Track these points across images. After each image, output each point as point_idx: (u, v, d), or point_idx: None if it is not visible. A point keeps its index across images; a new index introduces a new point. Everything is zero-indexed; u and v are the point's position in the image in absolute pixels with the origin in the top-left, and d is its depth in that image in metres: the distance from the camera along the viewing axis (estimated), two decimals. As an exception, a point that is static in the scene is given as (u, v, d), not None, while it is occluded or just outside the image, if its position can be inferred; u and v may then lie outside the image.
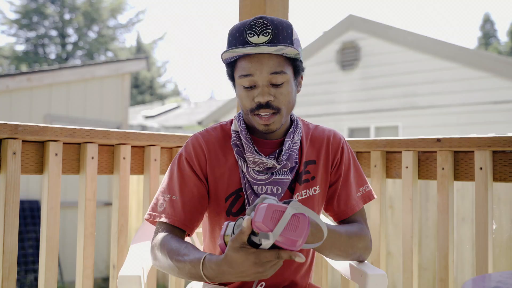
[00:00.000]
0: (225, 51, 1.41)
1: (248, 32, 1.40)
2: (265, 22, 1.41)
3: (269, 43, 1.39)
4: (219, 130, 1.57)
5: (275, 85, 1.42)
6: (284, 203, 1.21)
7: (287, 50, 1.39)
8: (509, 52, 25.20)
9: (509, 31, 26.24)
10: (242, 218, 1.20)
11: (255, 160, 1.47)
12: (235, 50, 1.39)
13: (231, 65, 1.48)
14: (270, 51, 1.39)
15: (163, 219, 1.48)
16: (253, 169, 1.48)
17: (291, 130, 1.53)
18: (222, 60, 1.46)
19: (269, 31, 1.40)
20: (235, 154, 1.50)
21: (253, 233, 1.16)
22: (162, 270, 1.45)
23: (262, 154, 1.48)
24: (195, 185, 1.50)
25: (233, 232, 1.20)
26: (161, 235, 1.45)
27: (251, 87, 1.43)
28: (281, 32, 1.41)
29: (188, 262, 1.31)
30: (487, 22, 27.46)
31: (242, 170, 1.49)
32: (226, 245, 1.21)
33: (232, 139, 1.53)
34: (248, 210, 1.20)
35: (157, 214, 1.50)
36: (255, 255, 1.16)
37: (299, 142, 1.54)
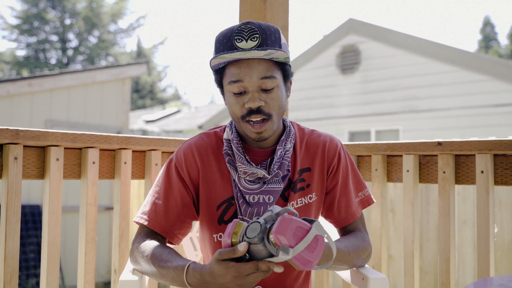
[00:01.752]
0: (213, 57, 1.39)
1: (236, 37, 1.38)
2: (253, 27, 1.39)
3: (258, 47, 1.36)
4: (213, 137, 1.56)
5: (265, 90, 1.40)
6: (305, 220, 1.20)
7: (277, 54, 1.38)
8: (509, 55, 25.20)
9: (509, 34, 26.25)
10: (258, 222, 1.17)
11: (246, 170, 1.45)
12: (223, 55, 1.37)
13: (220, 72, 1.46)
14: (259, 55, 1.37)
15: (144, 222, 1.48)
16: (244, 179, 1.47)
17: (283, 137, 1.51)
18: (211, 67, 1.44)
19: (257, 35, 1.38)
20: (227, 164, 1.49)
21: (267, 240, 1.14)
22: (144, 274, 1.46)
23: (253, 164, 1.47)
24: (180, 193, 1.49)
25: (245, 234, 1.17)
26: (142, 239, 1.45)
27: (240, 93, 1.41)
28: (269, 37, 1.39)
29: (171, 269, 1.31)
30: (487, 25, 27.48)
31: (233, 179, 1.48)
32: (232, 245, 1.19)
33: (223, 148, 1.51)
34: (268, 216, 1.18)
35: (140, 215, 1.50)
36: (235, 268, 1.16)
37: (291, 149, 1.52)
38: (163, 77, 30.24)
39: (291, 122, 1.60)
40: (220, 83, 1.48)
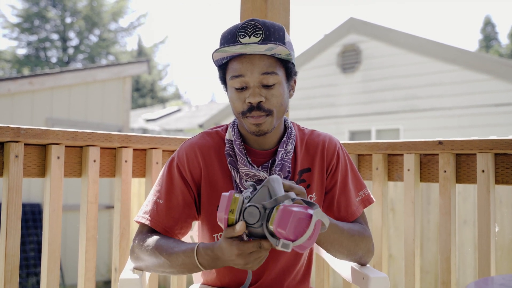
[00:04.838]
0: (215, 51, 1.39)
1: (239, 33, 1.40)
2: (257, 24, 1.40)
3: (259, 42, 1.37)
4: (215, 136, 1.55)
5: (266, 86, 1.41)
6: (305, 202, 1.19)
7: (278, 50, 1.37)
8: (510, 54, 25.20)
9: (510, 34, 26.24)
10: (257, 207, 1.16)
11: (248, 172, 1.45)
12: (224, 49, 1.37)
13: (223, 68, 1.46)
14: (260, 50, 1.37)
15: (145, 221, 1.48)
16: (245, 180, 1.47)
17: (284, 138, 1.51)
18: (214, 61, 1.45)
19: (261, 32, 1.39)
20: (228, 164, 1.49)
21: (267, 229, 1.16)
22: (147, 270, 1.46)
23: (255, 166, 1.47)
24: (182, 192, 1.49)
25: (243, 216, 1.18)
26: (143, 237, 1.46)
27: (242, 89, 1.41)
28: (272, 34, 1.40)
29: (181, 253, 1.33)
30: (488, 25, 27.44)
31: (235, 180, 1.48)
32: (228, 222, 1.19)
33: (225, 149, 1.51)
34: (268, 203, 1.16)
35: (141, 215, 1.50)
36: (237, 246, 1.19)
37: (292, 151, 1.52)
38: (163, 76, 30.23)
39: (292, 122, 1.60)
40: (223, 79, 1.49)
